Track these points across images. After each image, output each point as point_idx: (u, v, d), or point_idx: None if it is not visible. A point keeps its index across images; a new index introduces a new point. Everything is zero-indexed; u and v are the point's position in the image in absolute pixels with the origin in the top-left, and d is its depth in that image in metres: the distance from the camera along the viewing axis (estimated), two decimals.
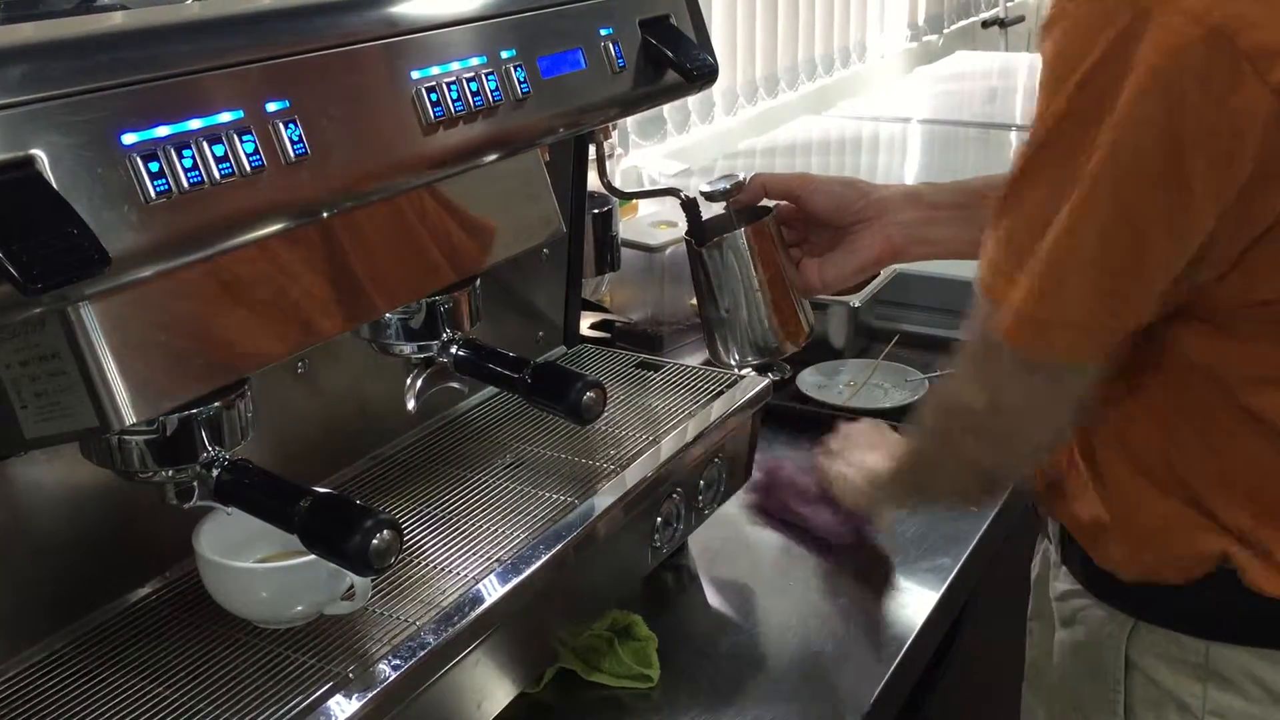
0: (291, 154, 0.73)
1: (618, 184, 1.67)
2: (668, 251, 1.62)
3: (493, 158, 0.91)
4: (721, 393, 1.18)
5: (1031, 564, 1.09)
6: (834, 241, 1.11)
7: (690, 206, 1.14)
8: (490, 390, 1.16)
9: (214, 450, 0.77)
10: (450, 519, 0.98)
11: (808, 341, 1.14)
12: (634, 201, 1.83)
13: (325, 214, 0.77)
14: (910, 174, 2.44)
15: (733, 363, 1.14)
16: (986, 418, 0.86)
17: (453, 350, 0.96)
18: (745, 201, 1.13)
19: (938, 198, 1.11)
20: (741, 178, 1.12)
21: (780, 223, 1.12)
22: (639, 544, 1.06)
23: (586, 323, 1.54)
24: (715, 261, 1.10)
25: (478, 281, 0.98)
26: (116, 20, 0.73)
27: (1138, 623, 0.87)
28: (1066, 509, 0.92)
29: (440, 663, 0.83)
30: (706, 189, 1.12)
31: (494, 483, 1.04)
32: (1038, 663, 1.05)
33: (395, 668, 0.80)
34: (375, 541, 0.70)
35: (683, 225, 1.65)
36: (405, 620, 0.85)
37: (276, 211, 0.73)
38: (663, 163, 2.32)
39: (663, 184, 2.23)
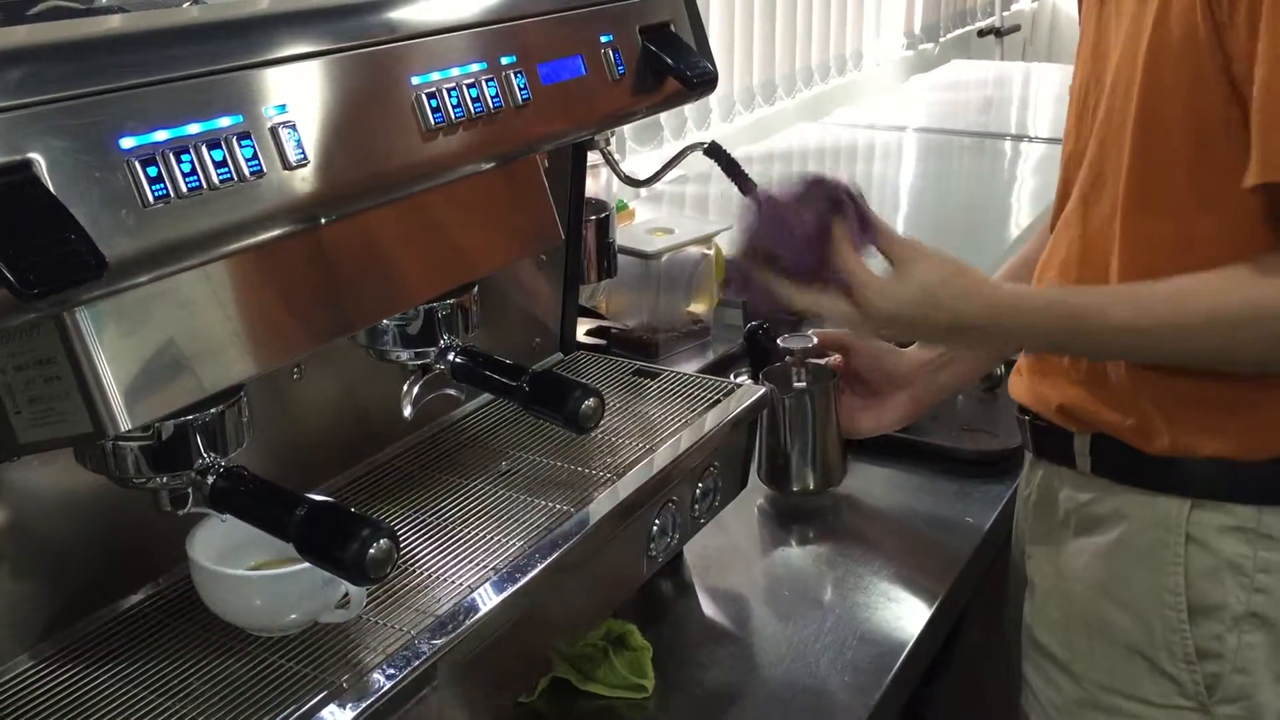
0: (291, 159, 0.73)
1: (612, 191, 1.67)
2: (664, 258, 1.62)
3: (492, 164, 0.91)
4: (718, 401, 1.18)
5: (1020, 499, 1.15)
6: (869, 391, 1.32)
7: (715, 151, 1.21)
8: (486, 397, 1.15)
9: (209, 457, 0.76)
10: (446, 527, 0.98)
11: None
12: (631, 208, 1.83)
13: (324, 220, 0.76)
14: (905, 182, 2.45)
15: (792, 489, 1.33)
16: None
17: (450, 357, 0.95)
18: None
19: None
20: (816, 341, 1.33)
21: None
22: (634, 553, 1.06)
23: (582, 329, 1.53)
24: (789, 408, 1.31)
25: (475, 288, 0.98)
26: (115, 23, 0.73)
27: (1196, 499, 0.95)
28: (1106, 414, 0.99)
29: (434, 672, 0.82)
30: (785, 343, 1.34)
31: (489, 490, 1.03)
32: (1049, 588, 1.07)
33: (389, 677, 0.79)
34: (372, 550, 0.70)
35: (680, 231, 1.65)
36: (400, 629, 0.85)
37: (275, 217, 0.73)
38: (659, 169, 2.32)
39: (660, 189, 2.24)
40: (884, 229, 0.98)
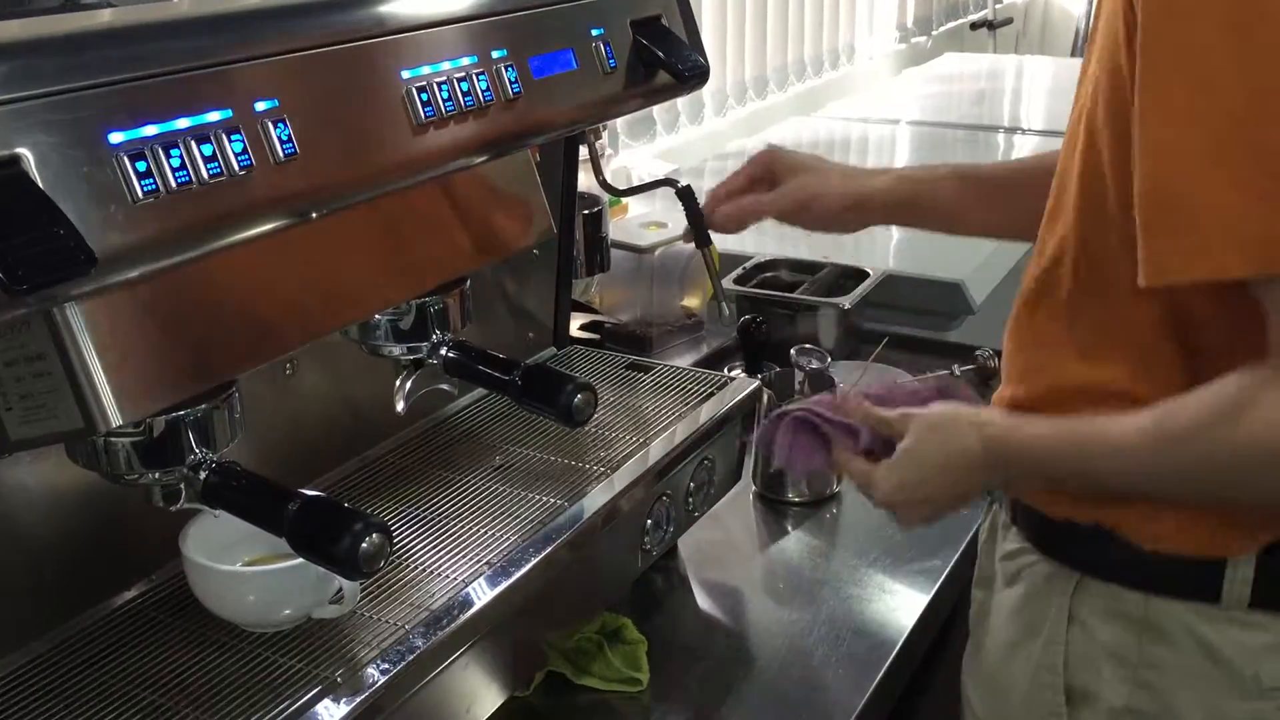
0: (280, 154, 0.73)
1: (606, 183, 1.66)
2: (657, 252, 1.62)
3: (483, 158, 0.91)
4: (711, 395, 1.18)
5: (979, 530, 1.08)
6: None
7: (686, 195, 1.19)
8: (480, 391, 1.15)
9: (201, 452, 0.76)
10: (439, 521, 0.98)
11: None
12: (624, 202, 1.83)
13: (314, 215, 0.76)
14: None
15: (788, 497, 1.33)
16: None
17: (442, 352, 0.95)
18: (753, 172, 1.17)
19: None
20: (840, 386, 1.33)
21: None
22: (629, 547, 1.06)
23: (576, 323, 1.53)
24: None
25: (468, 282, 0.97)
26: (104, 18, 0.73)
27: (1082, 577, 0.88)
28: None
29: (429, 666, 0.82)
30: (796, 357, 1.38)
31: (483, 485, 1.03)
32: (976, 631, 1.01)
33: (384, 671, 0.79)
34: (365, 545, 0.70)
35: (673, 225, 1.65)
36: (394, 624, 0.85)
37: (265, 212, 0.72)
38: (652, 163, 2.31)
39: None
40: (873, 417, 0.97)
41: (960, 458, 0.91)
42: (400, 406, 0.97)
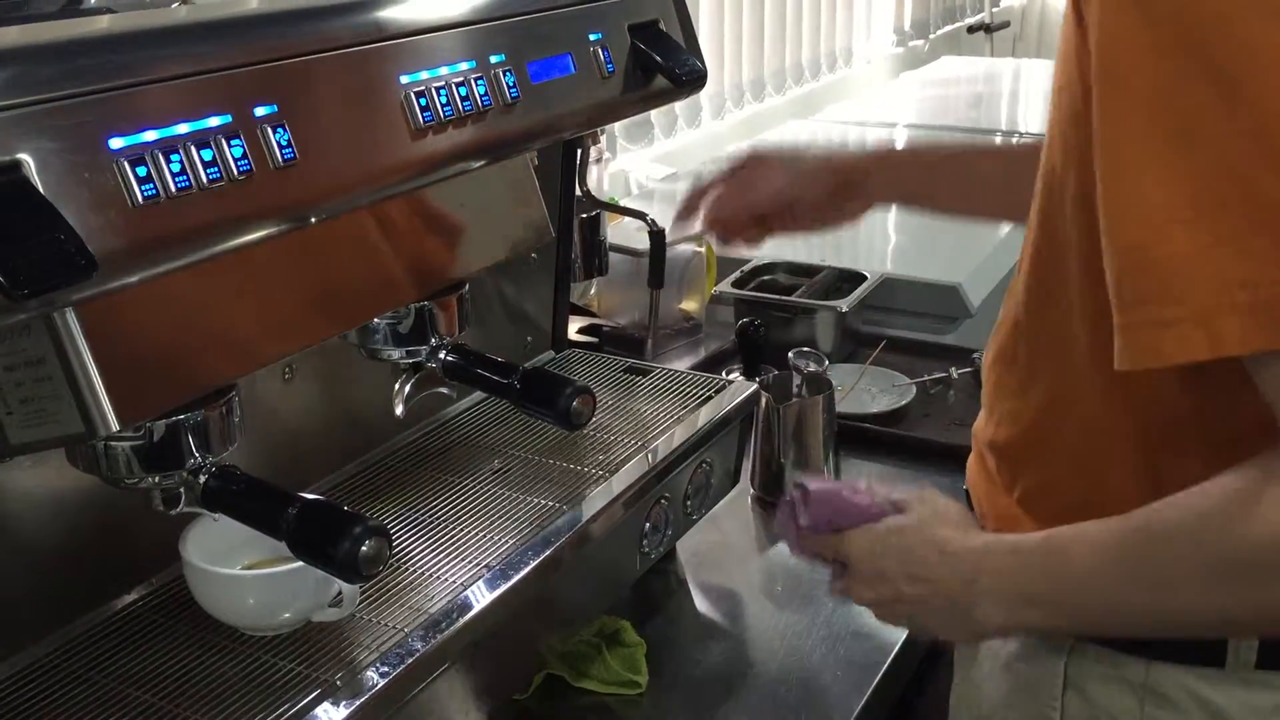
0: (280, 159, 0.73)
1: (603, 189, 1.67)
2: None
3: (482, 163, 0.91)
4: (710, 398, 1.18)
5: None
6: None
7: (657, 239, 1.19)
8: (478, 395, 1.15)
9: (201, 456, 0.77)
10: (438, 525, 0.98)
11: None
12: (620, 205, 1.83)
13: (314, 219, 0.76)
14: None
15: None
16: None
17: (441, 355, 0.95)
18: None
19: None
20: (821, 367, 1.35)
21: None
22: (627, 550, 1.06)
23: (574, 327, 1.53)
24: (785, 417, 1.30)
25: (466, 286, 0.98)
26: (104, 24, 0.73)
27: (1077, 641, 0.82)
28: (1005, 516, 0.86)
29: (428, 669, 0.82)
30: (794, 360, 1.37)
31: (482, 488, 1.04)
32: (967, 679, 0.95)
33: (383, 674, 0.80)
34: (364, 548, 0.70)
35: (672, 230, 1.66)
36: (393, 627, 0.85)
37: (265, 217, 0.73)
38: (650, 166, 2.32)
39: (651, 187, 2.24)
40: (861, 507, 0.88)
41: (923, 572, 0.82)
42: (399, 410, 0.97)
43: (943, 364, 1.53)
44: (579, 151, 1.17)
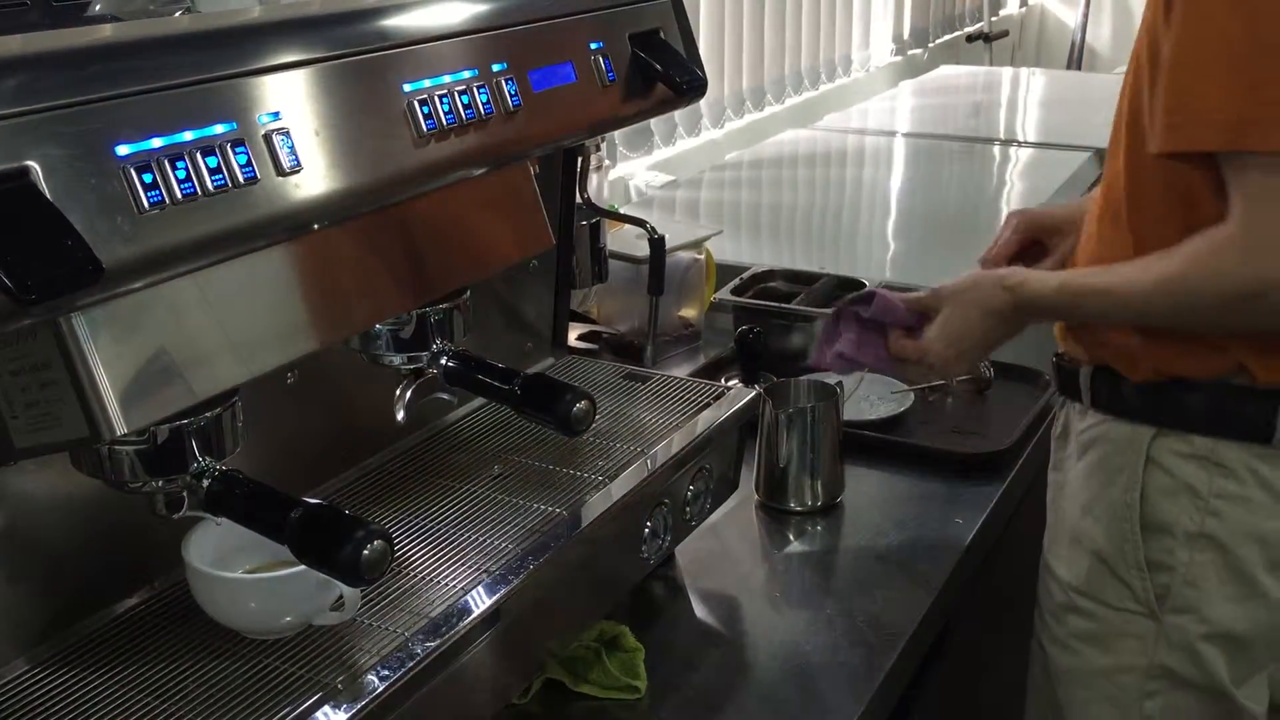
0: (284, 166, 0.74)
1: (603, 197, 1.67)
2: None
3: (483, 170, 0.92)
4: (709, 404, 1.19)
5: (1053, 434, 1.24)
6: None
7: (656, 246, 1.26)
8: (479, 401, 1.16)
9: (204, 461, 0.77)
10: (439, 530, 0.98)
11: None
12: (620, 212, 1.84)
13: (317, 226, 0.77)
14: (895, 187, 2.46)
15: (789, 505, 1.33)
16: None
17: (443, 361, 0.96)
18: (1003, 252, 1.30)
19: None
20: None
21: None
22: (627, 555, 1.06)
23: (574, 334, 1.54)
24: (790, 424, 1.31)
25: (468, 293, 0.98)
26: (110, 32, 0.74)
27: (1160, 429, 1.07)
28: (1099, 349, 1.11)
29: (428, 674, 0.83)
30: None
31: (482, 494, 1.04)
32: (1054, 509, 1.19)
33: (384, 678, 0.80)
34: (366, 552, 0.71)
35: (670, 236, 1.66)
36: (394, 631, 0.85)
37: (269, 224, 0.73)
38: (649, 175, 2.33)
39: (650, 194, 2.25)
40: (911, 300, 1.19)
41: (993, 312, 1.12)
42: (400, 415, 0.98)
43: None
44: (579, 159, 1.18)
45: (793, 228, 2.21)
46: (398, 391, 0.97)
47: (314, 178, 0.76)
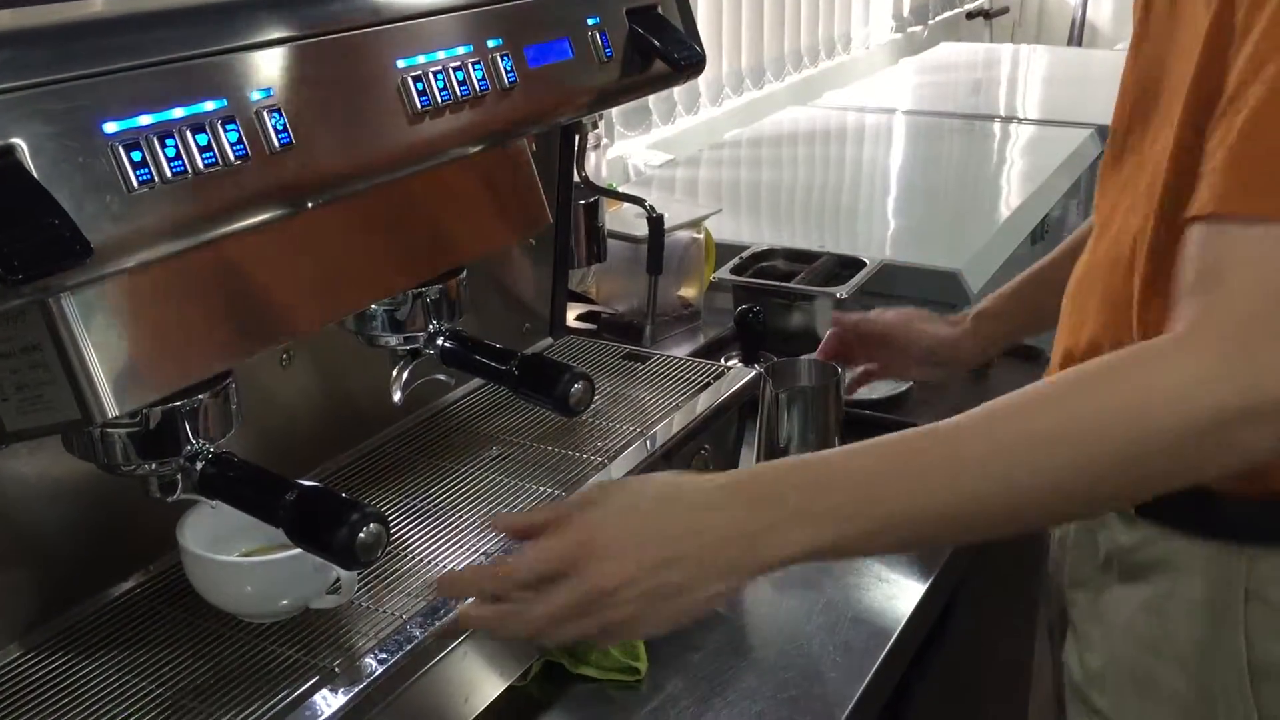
0: (276, 143, 0.73)
1: (601, 176, 1.66)
2: None
3: (479, 148, 0.90)
4: (709, 384, 1.18)
5: (1053, 534, 1.03)
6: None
7: (655, 225, 1.18)
8: (477, 382, 1.15)
9: (198, 443, 0.76)
10: (437, 511, 0.98)
11: None
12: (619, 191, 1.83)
13: (310, 204, 0.76)
14: (895, 164, 2.45)
15: None
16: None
17: (439, 342, 0.95)
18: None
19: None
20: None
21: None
22: None
23: (572, 314, 1.53)
24: (789, 404, 1.23)
25: (464, 273, 0.97)
26: (98, 7, 0.72)
27: (1259, 549, 0.83)
28: None
29: (427, 657, 0.82)
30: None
31: (481, 475, 1.03)
32: (1092, 636, 0.94)
33: (381, 661, 0.80)
34: (362, 535, 0.70)
35: (670, 215, 1.65)
36: (391, 614, 0.85)
37: (261, 202, 0.72)
38: (648, 153, 2.31)
39: (649, 173, 2.23)
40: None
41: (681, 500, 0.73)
42: (397, 397, 0.97)
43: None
44: (577, 137, 1.17)
45: (792, 206, 2.20)
46: (394, 372, 0.97)
47: (306, 156, 0.75)
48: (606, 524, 0.71)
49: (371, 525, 0.71)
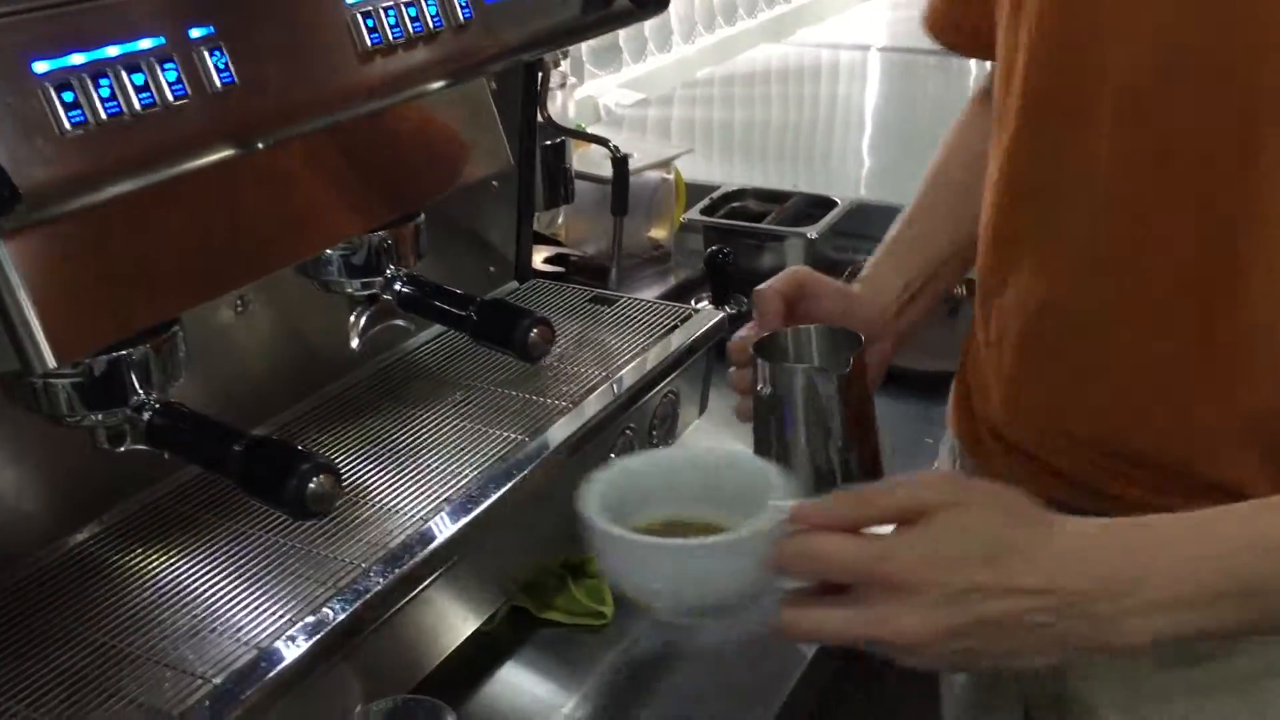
0: (218, 83, 0.70)
1: (569, 116, 1.63)
2: None
3: (435, 87, 0.88)
4: (676, 327, 1.17)
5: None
6: None
7: (619, 165, 1.15)
8: (439, 328, 1.13)
9: (145, 393, 0.74)
10: (398, 458, 0.96)
11: None
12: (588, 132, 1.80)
13: (258, 146, 0.74)
14: (870, 102, 2.42)
15: None
16: None
17: (397, 287, 0.93)
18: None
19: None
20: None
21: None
22: None
23: (540, 257, 1.51)
24: (788, 393, 0.80)
25: (421, 216, 0.95)
26: None
27: None
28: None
29: (389, 604, 0.81)
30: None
31: (443, 421, 1.02)
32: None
33: (343, 609, 0.79)
34: (312, 486, 0.69)
35: (638, 156, 1.63)
36: (351, 562, 0.84)
37: (203, 143, 0.70)
38: (619, 93, 2.28)
39: (620, 113, 2.20)
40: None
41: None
42: (355, 343, 0.95)
43: None
44: (539, 75, 1.14)
45: (765, 145, 2.17)
46: (351, 318, 0.95)
47: (249, 95, 0.72)
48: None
49: (322, 476, 0.69)
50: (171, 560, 0.83)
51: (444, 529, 0.87)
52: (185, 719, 0.70)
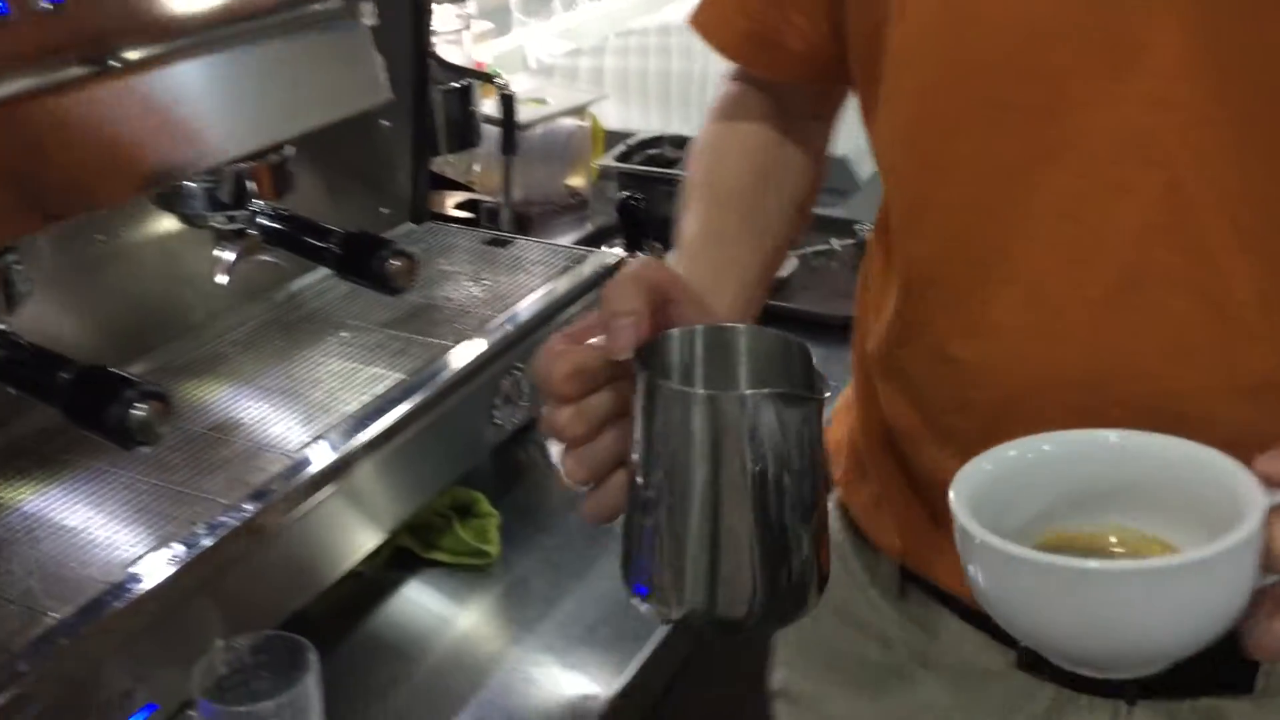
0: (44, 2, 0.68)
1: (470, 58, 1.61)
2: (536, 129, 1.57)
3: (294, 13, 0.86)
4: (569, 269, 1.16)
5: None
6: None
7: (506, 101, 1.22)
8: (328, 270, 1.12)
9: None
10: (275, 396, 0.96)
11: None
12: (507, 79, 1.78)
13: (88, 70, 0.72)
14: None
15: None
16: None
17: (261, 221, 0.92)
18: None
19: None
20: None
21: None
22: (477, 420, 1.04)
23: (452, 201, 1.49)
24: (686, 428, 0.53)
25: (288, 149, 0.93)
26: None
27: None
28: None
29: (258, 539, 0.81)
30: None
31: (325, 360, 1.01)
32: None
33: (200, 541, 0.78)
34: (135, 411, 0.67)
35: (553, 102, 1.61)
36: (217, 499, 0.83)
37: (27, 65, 0.68)
38: (551, 42, 2.25)
39: (551, 63, 2.17)
40: None
41: None
42: (222, 279, 0.93)
43: (824, 236, 1.51)
44: (423, 11, 1.12)
45: (687, 93, 2.15)
46: (215, 252, 0.93)
47: (81, 14, 0.70)
48: None
49: (149, 403, 0.68)
50: (25, 496, 0.82)
51: (314, 464, 0.86)
52: (24, 654, 0.69)
